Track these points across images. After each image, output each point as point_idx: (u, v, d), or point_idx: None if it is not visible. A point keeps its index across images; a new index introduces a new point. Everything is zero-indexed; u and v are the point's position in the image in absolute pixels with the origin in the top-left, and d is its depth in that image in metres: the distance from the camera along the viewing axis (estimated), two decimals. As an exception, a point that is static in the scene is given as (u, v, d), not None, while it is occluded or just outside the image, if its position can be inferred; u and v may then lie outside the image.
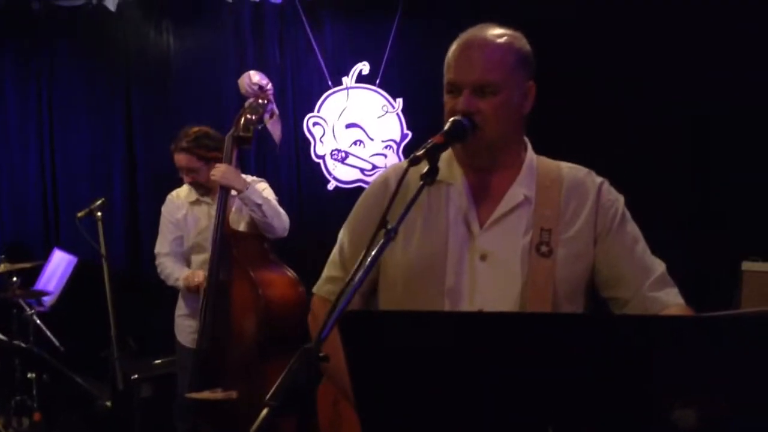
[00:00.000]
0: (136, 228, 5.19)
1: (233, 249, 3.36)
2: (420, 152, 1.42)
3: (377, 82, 5.07)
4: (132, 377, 3.99)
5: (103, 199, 3.24)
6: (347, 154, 5.13)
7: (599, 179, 1.66)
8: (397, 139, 5.10)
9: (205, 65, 5.21)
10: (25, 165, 5.20)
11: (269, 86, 3.59)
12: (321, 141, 5.13)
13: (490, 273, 1.55)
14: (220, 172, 3.35)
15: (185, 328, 3.59)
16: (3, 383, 4.04)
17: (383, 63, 5.03)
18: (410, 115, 5.08)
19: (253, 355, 3.18)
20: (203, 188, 3.58)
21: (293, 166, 5.18)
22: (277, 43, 5.15)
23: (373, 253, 1.47)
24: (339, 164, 5.14)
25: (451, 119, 1.52)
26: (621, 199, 1.65)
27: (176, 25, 5.18)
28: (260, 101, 3.52)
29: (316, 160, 5.15)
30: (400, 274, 1.60)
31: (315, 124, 5.13)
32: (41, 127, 5.22)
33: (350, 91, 5.09)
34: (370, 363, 1.02)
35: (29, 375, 3.83)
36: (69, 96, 5.23)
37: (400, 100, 5.08)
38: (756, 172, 4.52)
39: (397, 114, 5.09)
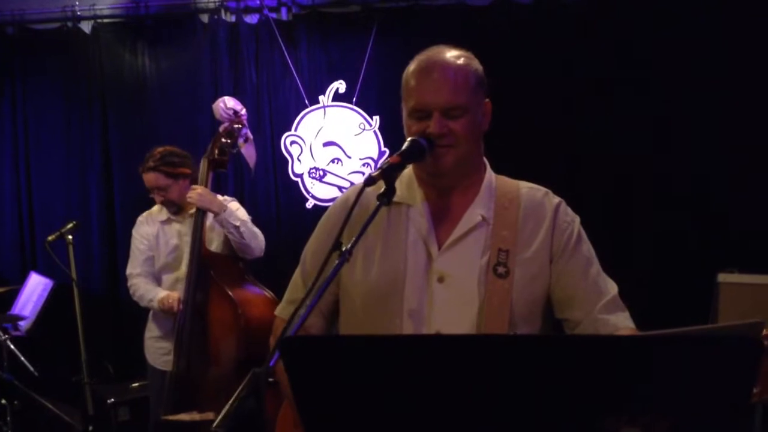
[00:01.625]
0: (114, 251, 5.16)
1: (210, 270, 3.35)
2: (375, 173, 1.42)
3: (354, 100, 5.08)
4: (108, 401, 3.95)
5: (74, 222, 3.22)
6: (325, 172, 5.13)
7: (556, 199, 1.67)
8: (375, 157, 5.11)
9: (182, 86, 5.21)
10: (0, 188, 5.16)
11: (243, 111, 3.64)
12: (299, 159, 5.14)
13: (447, 295, 1.55)
14: (196, 194, 3.36)
15: (156, 350, 3.56)
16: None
17: (359, 81, 5.05)
18: (387, 132, 5.10)
19: (231, 375, 3.17)
20: (174, 206, 3.58)
21: (271, 185, 5.17)
22: (254, 62, 5.16)
23: (327, 274, 1.49)
24: (317, 182, 5.14)
25: (409, 138, 1.53)
26: (577, 219, 1.66)
27: (152, 46, 5.18)
28: (235, 126, 3.57)
29: (294, 178, 5.14)
30: (360, 295, 1.60)
31: (292, 142, 5.13)
32: (16, 151, 5.19)
33: (327, 109, 5.10)
34: (313, 389, 1.02)
35: (2, 401, 3.77)
36: (44, 119, 5.22)
37: (377, 118, 5.10)
38: (732, 183, 4.57)
39: (375, 132, 5.10)
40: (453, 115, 1.54)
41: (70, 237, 3.11)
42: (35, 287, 4.60)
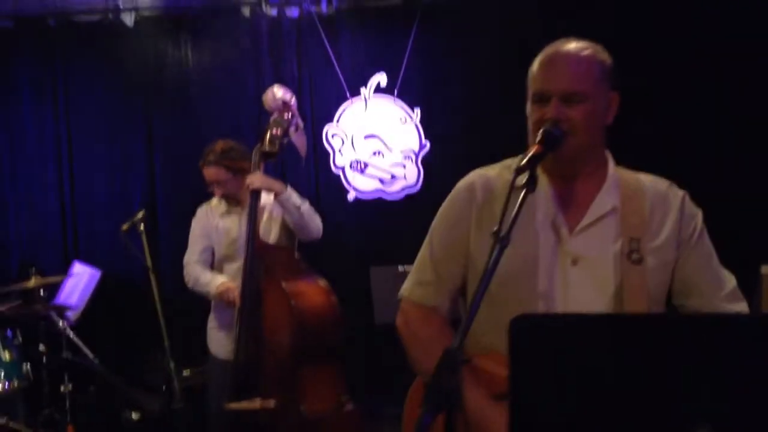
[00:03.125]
0: (156, 243, 5.19)
1: (265, 261, 3.39)
2: (524, 163, 1.45)
3: (395, 92, 5.12)
4: (163, 387, 4.00)
5: (143, 211, 3.25)
6: (366, 164, 5.17)
7: (681, 192, 1.71)
8: (416, 149, 5.14)
9: (223, 79, 5.25)
10: (44, 180, 5.20)
11: (293, 100, 3.65)
12: (340, 152, 5.17)
13: (581, 277, 1.59)
14: (257, 178, 3.40)
15: (218, 339, 3.61)
16: (32, 397, 4.02)
17: (401, 74, 5.08)
18: (428, 125, 5.13)
19: (288, 364, 3.20)
20: (233, 200, 3.62)
21: (312, 178, 5.21)
22: (295, 55, 5.20)
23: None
24: (358, 175, 5.18)
25: (542, 129, 1.55)
26: (700, 212, 1.71)
27: (194, 39, 5.22)
28: (285, 115, 3.57)
29: (336, 171, 5.18)
30: (493, 279, 1.62)
31: (334, 135, 5.17)
32: (59, 142, 5.23)
33: (369, 102, 5.13)
34: (533, 365, 1.06)
35: (63, 388, 3.81)
36: (87, 111, 5.25)
37: (418, 110, 5.13)
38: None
39: (416, 124, 5.13)
40: (572, 101, 1.57)
41: (142, 226, 3.14)
42: (80, 276, 4.63)
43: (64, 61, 5.24)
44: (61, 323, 3.90)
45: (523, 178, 1.42)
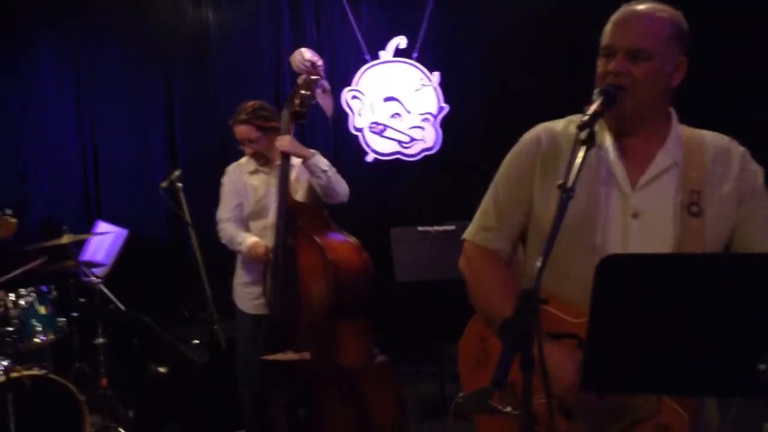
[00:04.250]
0: (177, 201, 5.27)
1: (297, 218, 3.47)
2: (585, 119, 1.51)
3: (414, 55, 5.15)
4: (193, 342, 4.12)
5: (180, 170, 3.32)
6: (385, 126, 5.23)
7: (742, 148, 1.75)
8: (434, 112, 5.20)
9: (243, 40, 5.28)
10: (64, 140, 5.24)
11: (320, 62, 3.70)
12: (359, 114, 5.23)
13: (642, 230, 1.65)
14: (286, 141, 3.46)
15: (245, 295, 3.68)
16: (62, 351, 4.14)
17: (420, 37, 5.11)
18: (447, 88, 5.18)
19: (323, 318, 3.29)
20: (263, 158, 3.67)
21: (331, 140, 5.27)
22: (314, 17, 5.22)
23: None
24: (377, 137, 5.24)
25: (599, 89, 1.60)
26: (761, 171, 1.74)
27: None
28: (312, 77, 3.62)
29: (355, 133, 5.24)
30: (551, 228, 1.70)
31: (353, 97, 5.22)
32: (79, 102, 5.25)
33: (388, 65, 5.17)
34: (617, 302, 1.14)
35: (97, 341, 3.93)
36: (107, 71, 5.27)
37: (437, 74, 5.17)
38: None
39: (434, 87, 5.18)
40: (637, 58, 1.62)
41: (179, 184, 3.21)
42: (105, 235, 4.72)
43: (84, 21, 5.25)
44: (94, 278, 4.00)
45: (584, 134, 1.48)
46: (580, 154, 1.46)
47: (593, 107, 1.55)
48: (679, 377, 1.21)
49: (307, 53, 3.67)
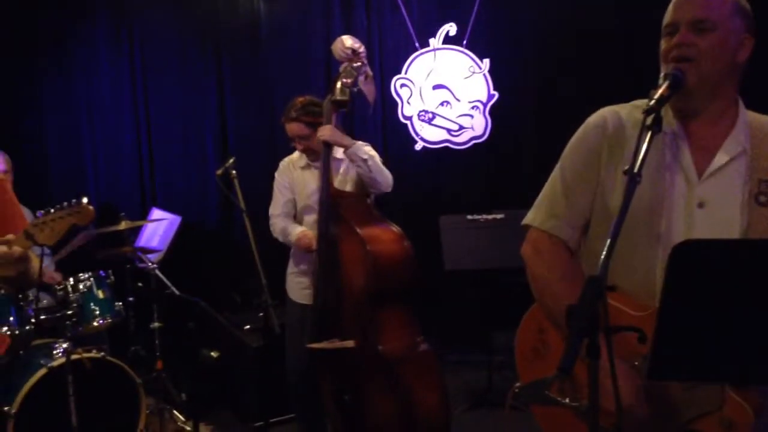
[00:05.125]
0: (228, 191, 5.34)
1: (339, 208, 3.48)
2: (652, 104, 1.48)
3: (464, 43, 5.11)
4: (245, 328, 4.19)
5: (234, 158, 3.37)
6: (434, 115, 5.20)
7: None
8: (484, 100, 5.15)
9: (294, 29, 5.30)
10: (121, 130, 5.35)
11: (362, 49, 3.67)
12: (408, 102, 5.21)
13: (707, 220, 1.61)
14: (326, 131, 3.47)
15: (296, 284, 3.72)
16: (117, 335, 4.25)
17: (470, 24, 5.06)
18: (497, 75, 5.13)
19: (365, 307, 3.30)
20: (314, 154, 3.67)
21: (380, 128, 5.27)
22: (364, 5, 5.21)
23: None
24: (426, 125, 5.22)
25: (665, 73, 1.57)
26: None
27: (266, -12, 5.26)
28: (354, 64, 3.61)
29: (404, 121, 5.23)
30: (615, 216, 1.66)
31: (402, 85, 5.20)
32: (134, 92, 5.34)
33: (437, 52, 5.14)
34: (690, 289, 1.12)
35: (152, 325, 4.02)
36: (162, 60, 5.35)
37: (487, 61, 5.12)
38: None
39: (484, 75, 5.14)
40: (700, 29, 1.58)
41: (233, 171, 3.26)
42: (159, 222, 4.82)
43: (138, 11, 5.34)
44: (149, 264, 4.09)
45: (651, 119, 1.45)
46: (647, 139, 1.43)
47: (659, 91, 1.51)
48: (751, 367, 1.18)
49: (348, 40, 3.66)
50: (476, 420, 3.57)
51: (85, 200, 1.90)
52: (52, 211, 1.89)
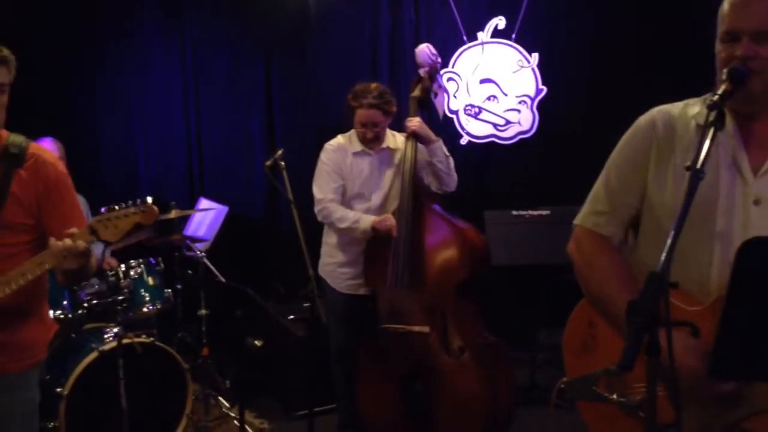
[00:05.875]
0: (273, 182, 5.39)
1: (422, 199, 3.53)
2: (716, 99, 1.46)
3: (513, 36, 5.06)
4: (289, 317, 4.24)
5: (282, 149, 3.41)
6: (481, 109, 5.17)
7: None
8: (532, 95, 5.10)
9: (342, 21, 5.32)
10: (171, 121, 5.45)
11: (439, 59, 3.80)
12: (455, 96, 5.19)
13: (764, 218, 1.59)
14: (417, 122, 3.54)
15: (340, 275, 3.71)
16: (169, 325, 4.34)
17: (520, 17, 5.01)
18: (546, 70, 5.07)
19: (448, 294, 3.36)
20: (377, 142, 3.67)
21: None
22: (413, -1, 5.20)
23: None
24: (472, 119, 5.20)
25: (728, 68, 1.54)
26: None
27: (315, -17, 5.29)
28: (434, 71, 3.73)
29: (450, 115, 5.21)
30: (668, 215, 1.64)
31: (449, 79, 5.18)
32: (185, 85, 5.44)
33: (485, 46, 5.10)
34: (757, 287, 1.11)
35: (200, 312, 4.10)
36: (211, 54, 5.43)
37: (535, 55, 5.07)
38: None
39: (533, 69, 5.08)
40: (763, 40, 1.56)
41: (282, 163, 3.30)
42: (207, 211, 4.90)
43: (190, 7, 5.42)
44: (197, 252, 4.16)
45: (713, 115, 1.43)
46: (709, 135, 1.41)
47: (722, 87, 1.49)
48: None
49: (434, 49, 3.77)
50: (519, 417, 3.56)
51: (150, 200, 1.94)
52: (117, 208, 1.93)
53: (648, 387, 1.17)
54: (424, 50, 3.66)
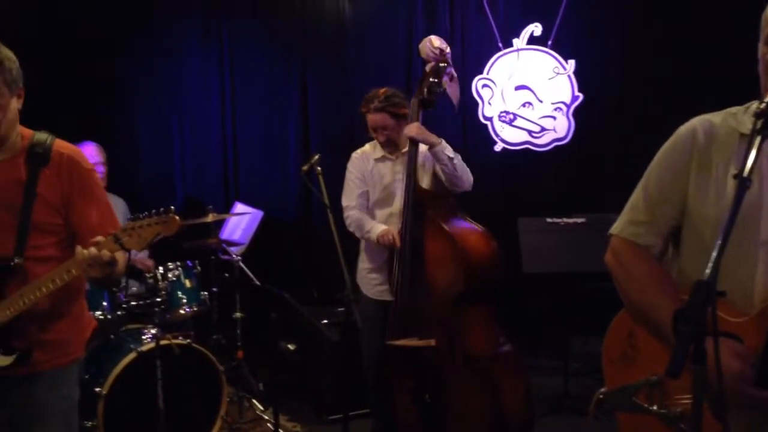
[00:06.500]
0: (307, 187, 5.42)
1: (425, 205, 3.49)
2: (763, 106, 1.43)
3: (549, 43, 5.04)
4: (323, 322, 4.26)
5: (318, 154, 3.44)
6: (515, 116, 5.16)
7: None
8: (568, 101, 5.08)
9: (377, 28, 5.35)
10: (208, 126, 5.53)
11: (448, 50, 3.68)
12: (489, 103, 5.19)
13: None
14: (414, 128, 3.48)
15: (369, 280, 3.73)
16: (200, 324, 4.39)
17: (556, 24, 4.99)
18: (582, 76, 5.04)
19: (449, 305, 3.30)
20: (393, 145, 3.69)
21: (460, 128, 5.26)
22: (448, 4, 5.21)
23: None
24: (507, 126, 5.18)
25: None
26: None
27: (351, -12, 5.34)
28: (441, 65, 3.61)
29: (484, 121, 5.20)
30: (710, 224, 1.62)
31: (484, 86, 5.18)
32: (222, 90, 5.51)
33: (521, 52, 5.09)
34: None
35: (235, 315, 4.15)
36: (247, 59, 5.50)
37: (572, 62, 5.04)
38: None
39: (569, 76, 5.06)
40: None
41: (318, 168, 3.33)
42: (242, 215, 4.96)
43: (227, 12, 5.49)
44: (233, 256, 4.21)
45: (761, 122, 1.41)
46: (756, 144, 1.39)
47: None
48: None
49: (435, 41, 3.67)
50: (552, 426, 3.53)
51: (172, 209, 1.95)
52: (141, 217, 1.94)
53: (694, 395, 1.16)
54: (425, 44, 3.58)
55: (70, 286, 2.13)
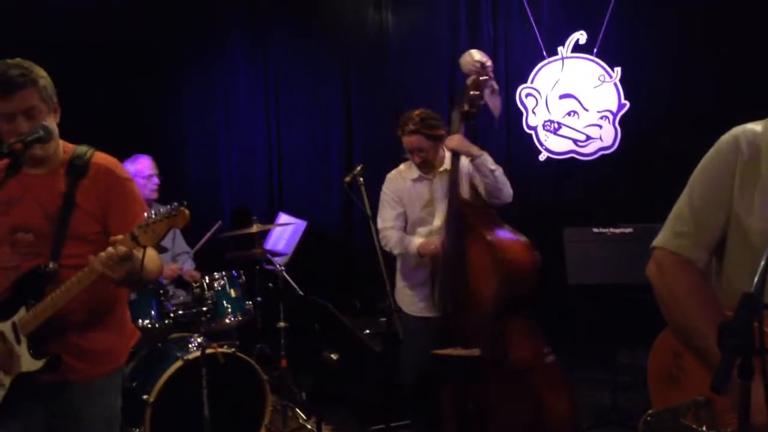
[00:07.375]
0: (350, 198, 5.47)
1: (468, 217, 3.48)
2: None
3: (594, 51, 4.98)
4: (365, 332, 4.27)
5: (361, 165, 3.47)
6: (560, 125, 5.10)
7: None
8: (614, 110, 5.00)
9: (420, 39, 5.36)
10: (253, 137, 5.62)
11: (489, 63, 3.68)
12: (533, 112, 5.14)
13: None
14: (456, 140, 3.49)
15: (407, 297, 3.71)
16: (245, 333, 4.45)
17: (602, 32, 4.93)
18: (629, 84, 4.96)
19: (492, 315, 3.29)
20: (428, 166, 3.68)
21: (504, 138, 5.22)
22: (491, 13, 5.19)
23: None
24: (551, 135, 5.13)
25: None
26: None
27: (395, 0, 5.36)
28: (481, 77, 3.62)
29: (528, 131, 5.16)
30: (758, 235, 1.58)
31: (528, 95, 5.14)
32: (268, 101, 5.61)
33: (565, 61, 5.04)
34: None
35: (278, 324, 4.19)
36: (292, 69, 5.58)
37: (618, 70, 4.97)
38: None
39: (615, 83, 4.98)
40: None
41: (361, 179, 3.37)
42: (286, 226, 5.01)
43: (272, 24, 5.58)
44: (277, 266, 4.26)
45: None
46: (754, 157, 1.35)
47: None
48: None
49: (476, 54, 3.68)
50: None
51: (184, 203, 1.99)
52: (154, 214, 1.98)
53: (739, 411, 1.12)
54: (465, 58, 3.58)
55: (107, 297, 2.18)
